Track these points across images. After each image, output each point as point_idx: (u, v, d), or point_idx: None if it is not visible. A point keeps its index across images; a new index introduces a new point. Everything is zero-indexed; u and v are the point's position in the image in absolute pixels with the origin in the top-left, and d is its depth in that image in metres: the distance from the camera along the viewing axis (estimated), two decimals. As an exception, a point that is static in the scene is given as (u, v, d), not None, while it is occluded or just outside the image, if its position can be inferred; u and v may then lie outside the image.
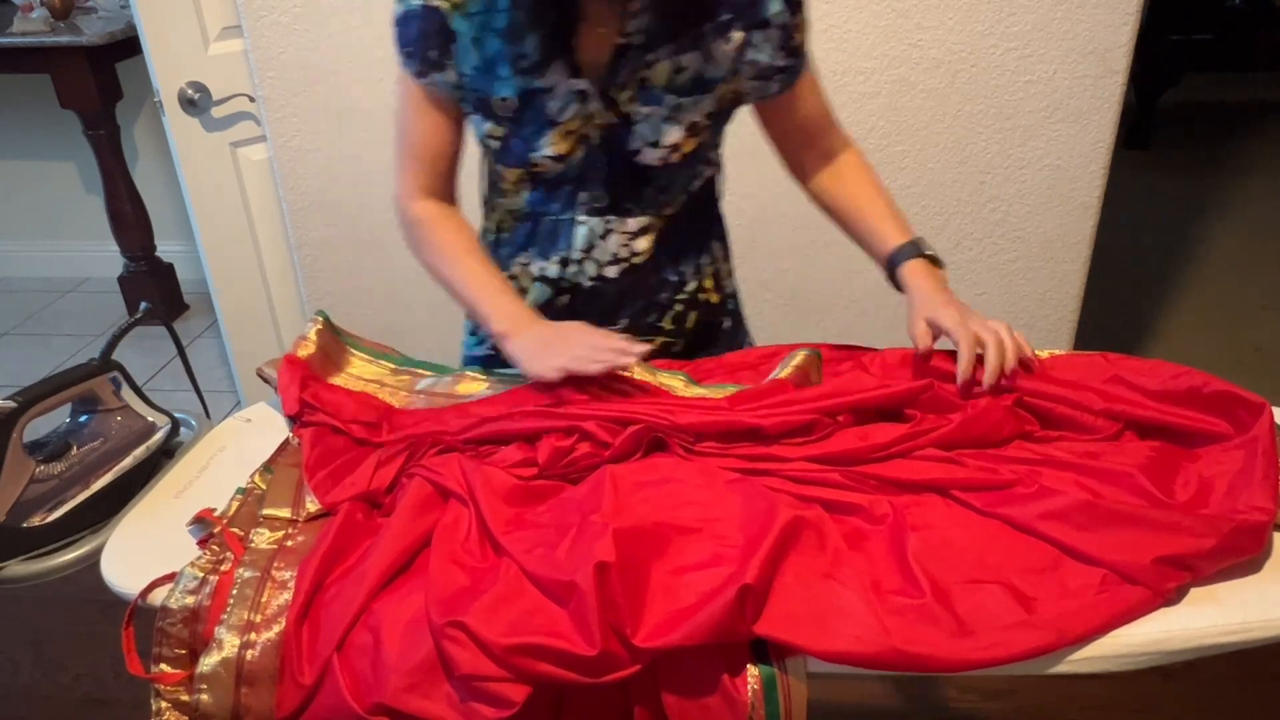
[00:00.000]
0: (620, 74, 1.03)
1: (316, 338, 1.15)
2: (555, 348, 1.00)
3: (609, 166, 1.08)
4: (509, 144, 1.07)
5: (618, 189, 1.10)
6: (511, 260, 1.18)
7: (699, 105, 1.06)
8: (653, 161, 1.07)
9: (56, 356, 3.08)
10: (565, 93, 1.03)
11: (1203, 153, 4.46)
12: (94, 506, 1.01)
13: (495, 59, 1.03)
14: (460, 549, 0.83)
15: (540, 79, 1.02)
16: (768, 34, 1.04)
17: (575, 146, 1.06)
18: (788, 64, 1.07)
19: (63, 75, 2.82)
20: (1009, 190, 1.89)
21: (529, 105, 1.04)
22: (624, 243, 1.13)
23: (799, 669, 0.75)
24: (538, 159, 1.07)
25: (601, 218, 1.12)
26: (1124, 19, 1.71)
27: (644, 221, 1.12)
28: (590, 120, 1.05)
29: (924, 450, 0.92)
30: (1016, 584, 0.78)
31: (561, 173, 1.08)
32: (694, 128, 1.07)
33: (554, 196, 1.11)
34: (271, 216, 2.20)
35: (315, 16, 1.89)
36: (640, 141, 1.06)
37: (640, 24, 1.01)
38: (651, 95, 1.04)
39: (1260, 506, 0.81)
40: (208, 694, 0.78)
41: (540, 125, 1.05)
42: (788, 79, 1.09)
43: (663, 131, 1.05)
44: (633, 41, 1.01)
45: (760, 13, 1.03)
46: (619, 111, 1.04)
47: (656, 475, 0.89)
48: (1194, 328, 2.97)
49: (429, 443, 0.98)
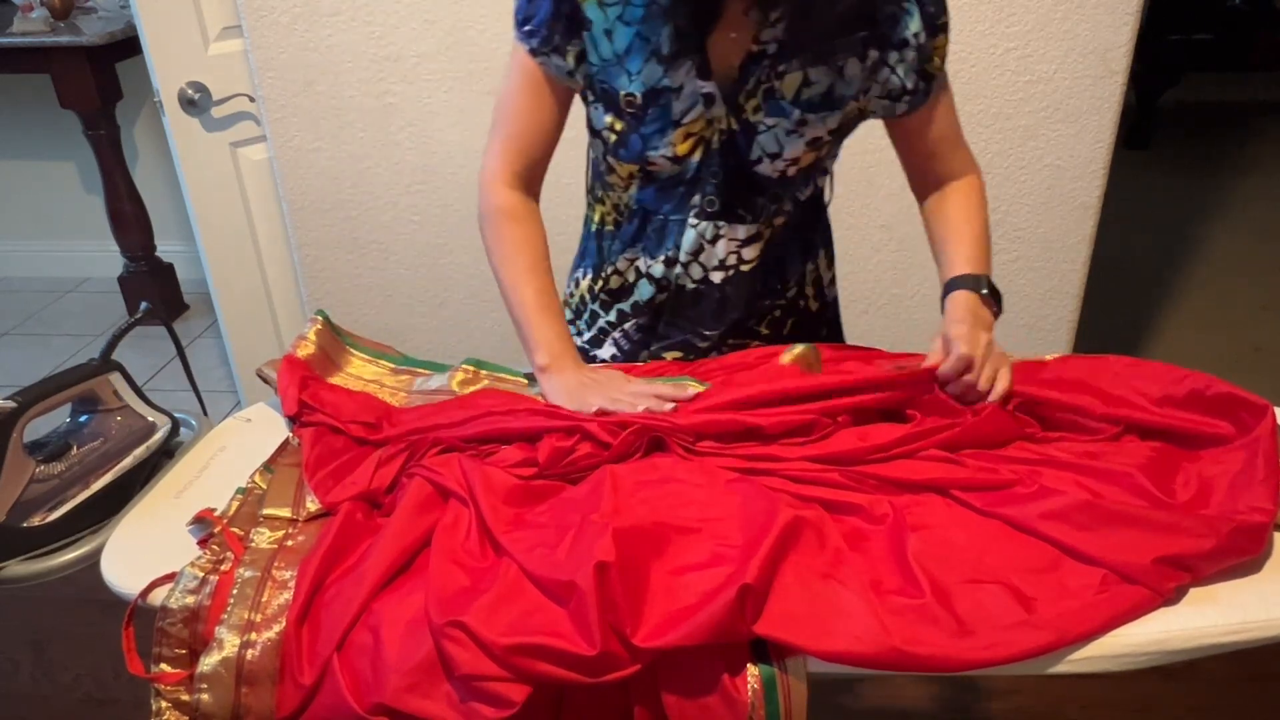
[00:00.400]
0: (749, 81, 1.01)
1: (316, 338, 1.15)
2: (592, 390, 1.01)
3: (724, 172, 1.07)
4: (628, 139, 1.06)
5: (731, 195, 1.09)
6: (619, 255, 1.18)
7: (824, 121, 1.04)
8: (770, 173, 1.06)
9: (56, 356, 3.08)
10: (691, 93, 1.02)
11: (1203, 153, 4.46)
12: (94, 506, 1.01)
13: (626, 52, 1.01)
14: (460, 549, 0.83)
15: (668, 77, 1.01)
16: (904, 54, 1.01)
17: (694, 148, 1.05)
18: (917, 87, 1.04)
19: (63, 75, 2.82)
20: (1009, 190, 1.89)
21: (654, 103, 1.02)
22: (732, 249, 1.12)
23: (799, 669, 0.75)
24: (655, 157, 1.06)
25: (712, 222, 1.10)
26: (1124, 19, 1.71)
27: (753, 229, 1.11)
28: (712, 124, 1.04)
29: (924, 451, 0.92)
30: (1016, 584, 0.78)
31: (676, 173, 1.08)
32: (816, 142, 1.05)
33: (666, 196, 1.10)
34: (271, 216, 2.20)
35: (315, 16, 1.89)
36: (760, 151, 1.05)
37: (775, 34, 0.99)
38: (777, 106, 1.02)
39: (1260, 507, 0.81)
40: (208, 694, 0.78)
41: (663, 124, 1.04)
42: (915, 101, 1.06)
43: (785, 144, 1.04)
44: (765, 50, 1.00)
45: (899, 32, 1.00)
46: (743, 119, 1.03)
47: (656, 475, 0.89)
48: (1194, 328, 2.97)
49: (429, 442, 0.98)
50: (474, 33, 1.87)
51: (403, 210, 2.08)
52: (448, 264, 2.12)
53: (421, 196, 2.06)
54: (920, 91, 1.05)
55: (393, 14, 1.87)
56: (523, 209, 1.11)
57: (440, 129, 1.98)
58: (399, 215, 2.09)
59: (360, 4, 1.87)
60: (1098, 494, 0.85)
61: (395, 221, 2.10)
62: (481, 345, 2.22)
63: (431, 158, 2.01)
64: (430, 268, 2.13)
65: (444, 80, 1.93)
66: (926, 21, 1.00)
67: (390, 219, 2.10)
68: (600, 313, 1.23)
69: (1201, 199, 3.91)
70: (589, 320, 1.24)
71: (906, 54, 1.01)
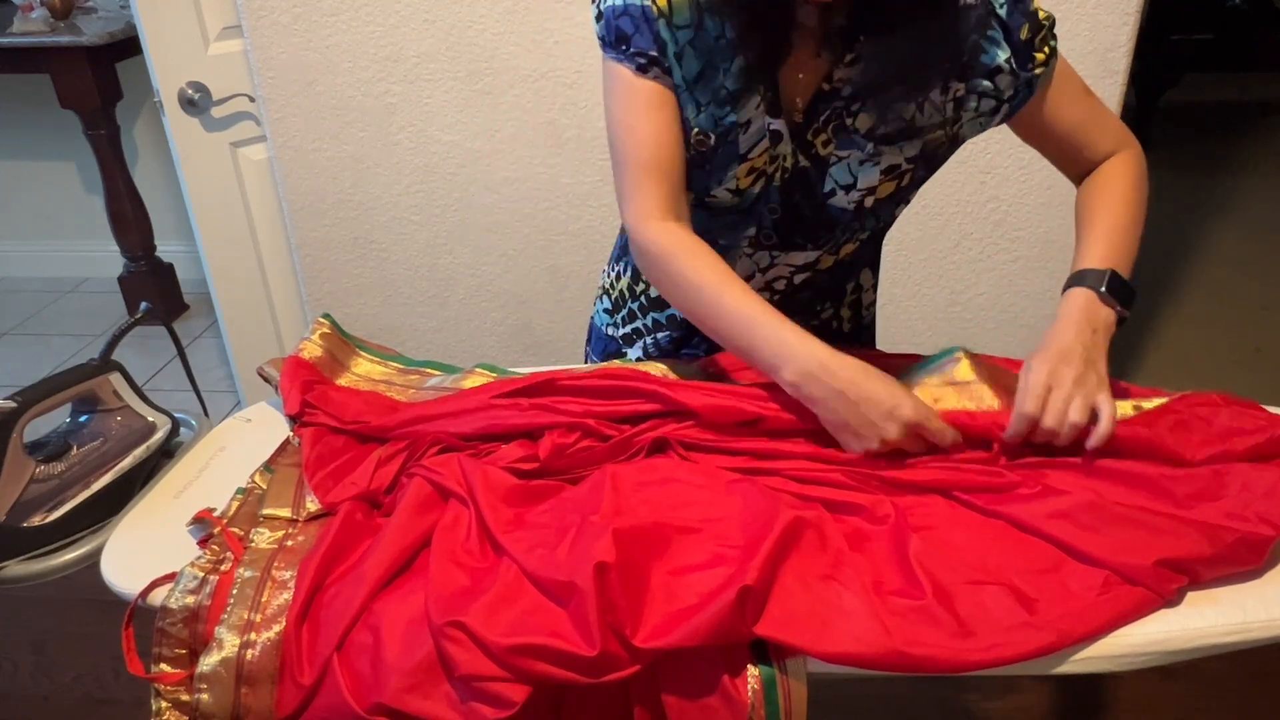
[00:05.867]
0: (819, 119, 0.96)
1: (322, 340, 1.15)
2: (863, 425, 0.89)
3: (782, 208, 1.02)
4: (692, 174, 1.00)
5: (792, 230, 1.04)
6: None
7: (902, 150, 0.98)
8: (846, 205, 1.00)
9: (56, 356, 3.08)
10: (759, 129, 0.96)
11: (1203, 153, 4.46)
12: (94, 506, 1.01)
13: (696, 80, 0.95)
14: (460, 549, 0.83)
15: (736, 113, 0.96)
16: (997, 81, 0.95)
17: (754, 182, 1.00)
18: (1017, 92, 0.97)
19: (63, 75, 2.82)
20: (1009, 190, 1.89)
21: (724, 141, 0.97)
22: (785, 275, 1.09)
23: (799, 669, 0.75)
24: (717, 191, 1.01)
25: (769, 252, 1.07)
26: (1124, 19, 1.71)
27: (812, 256, 1.07)
28: (776, 160, 0.99)
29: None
30: (1019, 585, 0.78)
31: (734, 205, 1.03)
32: (893, 170, 0.99)
33: (718, 222, 1.05)
34: (271, 216, 2.20)
35: (315, 16, 1.89)
36: (834, 184, 0.99)
37: (847, 74, 0.94)
38: (851, 141, 0.97)
39: (1269, 520, 0.80)
40: (208, 694, 0.78)
41: (729, 159, 0.98)
42: (1017, 103, 0.98)
43: (859, 174, 0.98)
44: (838, 91, 0.95)
45: (986, 63, 0.94)
46: (813, 154, 0.98)
47: (657, 475, 0.89)
48: (1194, 327, 2.97)
49: (429, 442, 0.98)
50: (474, 33, 1.87)
51: (403, 210, 2.08)
52: (448, 264, 2.12)
53: (421, 196, 2.06)
54: (1017, 98, 0.97)
55: (393, 14, 1.87)
56: (689, 239, 0.98)
57: (440, 129, 1.98)
58: (399, 215, 2.09)
59: (360, 4, 1.87)
60: (1101, 494, 0.84)
61: (395, 221, 2.09)
62: (482, 345, 2.22)
63: (431, 158, 2.01)
64: (430, 268, 2.13)
65: (444, 80, 1.93)
66: (1016, 47, 0.93)
67: (390, 219, 2.09)
68: (638, 314, 1.21)
69: (1201, 199, 3.91)
70: (626, 317, 1.22)
71: (1000, 80, 0.95)
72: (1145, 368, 2.72)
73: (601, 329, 1.27)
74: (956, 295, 2.00)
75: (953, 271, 1.99)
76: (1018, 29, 0.94)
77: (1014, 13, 0.93)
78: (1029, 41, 0.94)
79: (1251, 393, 1.00)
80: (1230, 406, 0.94)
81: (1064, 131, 1.01)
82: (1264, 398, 1.00)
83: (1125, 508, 0.82)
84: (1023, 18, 0.93)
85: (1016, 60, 0.94)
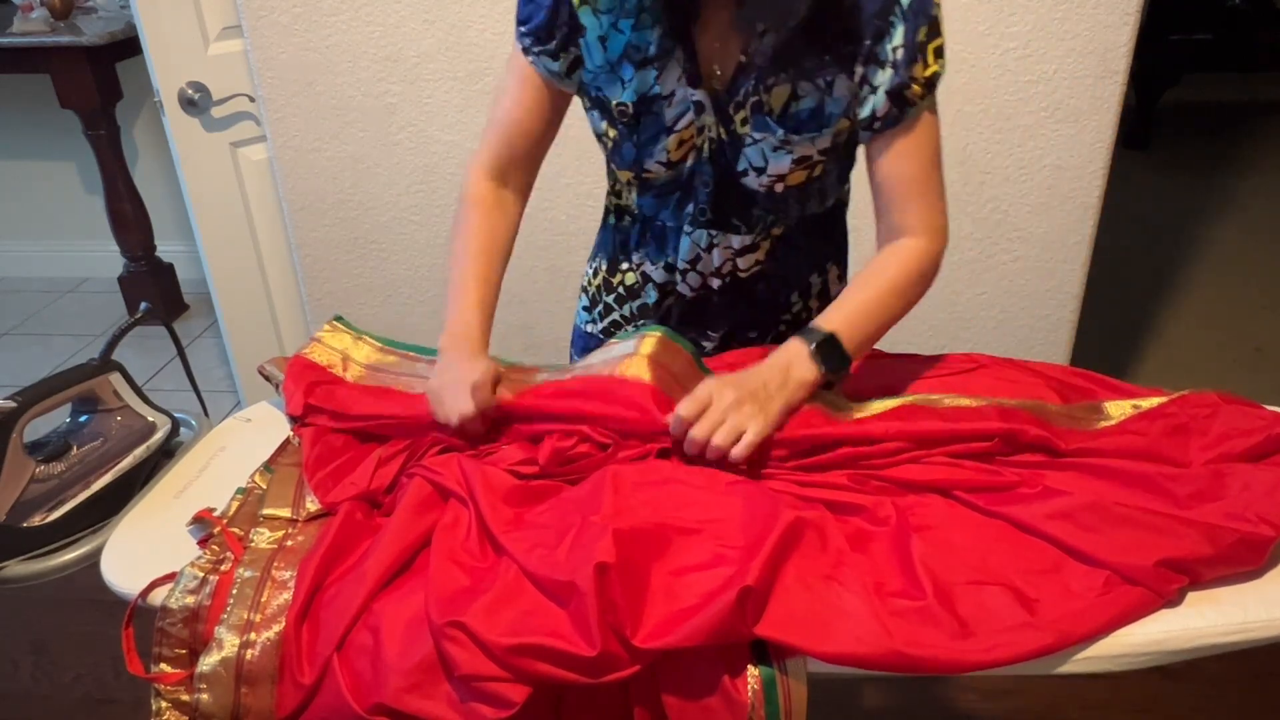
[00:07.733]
0: (739, 92, 1.00)
1: (331, 341, 1.14)
2: (448, 395, 0.98)
3: (714, 182, 1.07)
4: (621, 147, 1.07)
5: (723, 205, 1.08)
6: (628, 257, 1.18)
7: (813, 142, 1.01)
8: (756, 187, 1.05)
9: (56, 356, 3.08)
10: (683, 100, 1.02)
11: (1203, 153, 4.46)
12: (94, 506, 1.01)
13: (620, 59, 1.01)
14: (460, 549, 0.83)
15: (659, 84, 1.01)
16: (883, 74, 0.95)
17: (686, 154, 1.05)
18: (888, 113, 0.97)
19: (63, 75, 2.82)
20: (1009, 190, 1.89)
21: (647, 111, 1.03)
22: (728, 258, 1.12)
23: (799, 670, 0.75)
24: (650, 164, 1.06)
25: (706, 231, 1.11)
26: (1124, 19, 1.71)
27: (749, 240, 1.11)
28: (703, 132, 1.04)
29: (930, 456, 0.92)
30: (1019, 585, 0.78)
31: (671, 180, 1.08)
32: (805, 161, 1.03)
33: (663, 203, 1.11)
34: (271, 216, 2.21)
35: (315, 16, 1.89)
36: (746, 164, 1.04)
37: (762, 46, 0.98)
38: (764, 122, 1.01)
39: (1269, 520, 0.80)
40: (208, 694, 0.78)
41: (657, 131, 1.04)
42: (883, 126, 0.98)
43: (770, 160, 1.03)
44: (754, 62, 0.99)
45: (884, 49, 0.95)
46: (731, 130, 1.02)
47: (657, 476, 0.89)
48: (1194, 328, 2.97)
49: (429, 442, 0.98)
50: (474, 33, 1.87)
51: (403, 210, 2.08)
52: (448, 264, 2.12)
53: (421, 196, 2.06)
54: (889, 118, 0.97)
55: (393, 14, 1.87)
56: (491, 198, 1.11)
57: (440, 129, 1.98)
58: (399, 215, 2.09)
59: (360, 4, 1.87)
60: (1101, 494, 0.84)
61: (395, 221, 2.09)
62: (481, 345, 2.21)
63: (431, 158, 2.01)
64: (430, 268, 2.13)
65: (444, 80, 1.93)
66: (907, 38, 0.93)
67: (390, 219, 2.09)
68: (614, 306, 1.23)
69: (1201, 199, 3.91)
70: (602, 312, 1.25)
71: (885, 74, 0.95)
72: (1145, 368, 2.72)
73: (581, 327, 1.30)
74: (956, 295, 2.00)
75: (953, 271, 1.99)
76: (914, 31, 0.94)
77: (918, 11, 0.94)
78: (921, 45, 0.94)
79: (1251, 393, 1.00)
80: (1230, 406, 0.94)
81: (892, 182, 1.01)
82: (1264, 398, 1.00)
83: (1126, 508, 0.82)
84: (924, 19, 0.94)
85: (905, 52, 0.94)
